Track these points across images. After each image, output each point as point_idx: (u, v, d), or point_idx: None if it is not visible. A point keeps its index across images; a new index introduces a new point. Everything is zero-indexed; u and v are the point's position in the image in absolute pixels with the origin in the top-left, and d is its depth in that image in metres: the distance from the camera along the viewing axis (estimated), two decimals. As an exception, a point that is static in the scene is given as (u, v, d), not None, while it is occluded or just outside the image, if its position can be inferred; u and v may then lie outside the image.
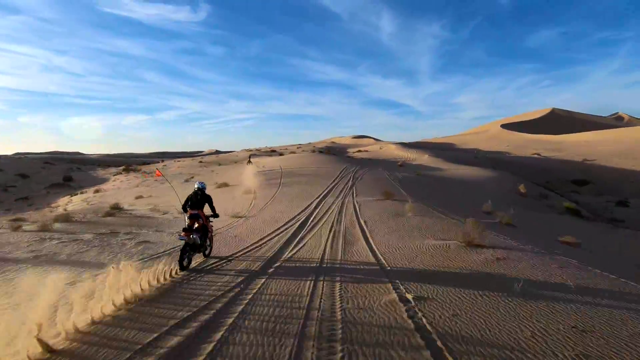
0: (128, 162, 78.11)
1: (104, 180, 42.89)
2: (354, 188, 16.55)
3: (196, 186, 6.77)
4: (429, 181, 20.60)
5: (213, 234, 7.40)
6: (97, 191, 28.38)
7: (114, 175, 46.51)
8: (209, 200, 6.73)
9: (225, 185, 21.45)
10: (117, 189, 29.28)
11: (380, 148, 56.38)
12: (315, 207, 12.13)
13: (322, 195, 14.75)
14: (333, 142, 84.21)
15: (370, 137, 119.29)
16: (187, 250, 5.98)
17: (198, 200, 6.59)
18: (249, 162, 34.24)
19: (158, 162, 61.54)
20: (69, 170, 53.49)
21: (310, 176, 21.38)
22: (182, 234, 6.09)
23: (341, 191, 15.82)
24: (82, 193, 29.91)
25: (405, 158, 43.14)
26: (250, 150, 68.49)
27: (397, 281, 4.86)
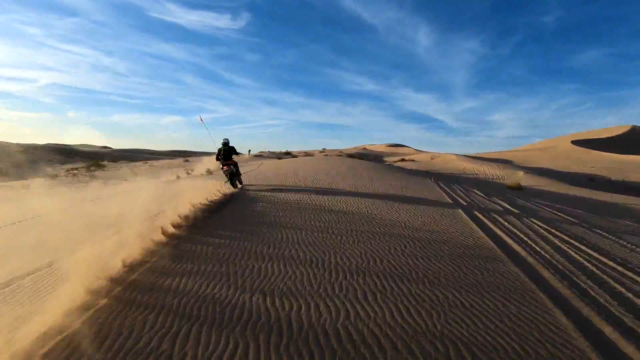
0: (133, 158, 67.92)
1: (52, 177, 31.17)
2: None
3: (222, 141, 10.51)
4: None
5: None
6: None
7: (66, 172, 34.73)
8: (233, 150, 10.59)
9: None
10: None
11: (433, 158, 40.81)
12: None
13: None
14: (365, 149, 69.25)
15: (407, 147, 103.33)
16: (231, 177, 10.48)
17: (226, 153, 10.52)
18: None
19: (140, 161, 49.16)
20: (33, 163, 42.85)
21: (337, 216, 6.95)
22: (224, 168, 10.38)
23: None
24: None
25: (482, 173, 27.59)
26: (263, 152, 55.04)
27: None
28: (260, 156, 42.68)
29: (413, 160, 39.48)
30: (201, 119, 11.20)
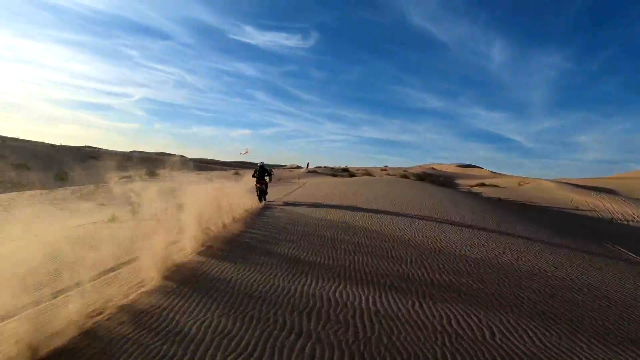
0: (196, 167, 70.03)
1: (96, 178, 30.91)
2: None
3: (259, 164, 12.45)
4: None
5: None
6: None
7: (119, 178, 34.52)
8: (267, 171, 12.45)
9: None
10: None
11: (521, 184, 33.17)
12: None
13: None
14: (433, 169, 61.78)
15: (479, 167, 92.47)
16: (260, 194, 12.19)
17: (260, 173, 12.24)
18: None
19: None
20: (89, 166, 44.65)
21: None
22: (258, 185, 12.20)
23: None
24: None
25: (604, 209, 20.17)
26: (318, 169, 51.43)
27: None
28: (314, 172, 38.83)
29: (496, 186, 32.30)
30: (246, 152, 15.12)
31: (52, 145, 56.80)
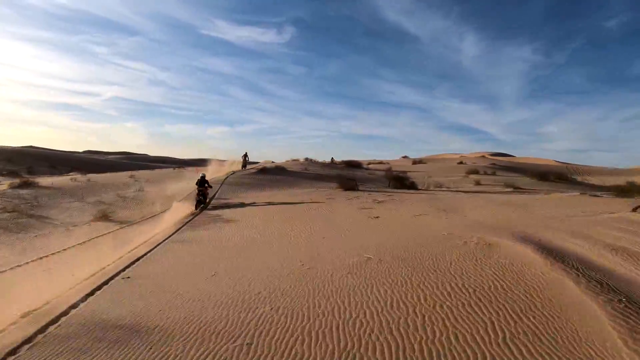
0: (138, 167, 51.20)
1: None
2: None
3: (200, 175, 14.05)
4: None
5: (208, 196, 14.16)
6: None
7: None
8: (207, 182, 13.79)
9: None
10: None
11: None
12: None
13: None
14: (484, 157, 42.36)
15: (511, 155, 74.90)
16: (198, 202, 13.09)
17: (201, 182, 13.47)
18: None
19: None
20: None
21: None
22: (197, 192, 13.27)
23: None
24: None
25: None
26: (292, 162, 32.00)
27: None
28: (263, 172, 18.79)
29: None
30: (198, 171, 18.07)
31: None
